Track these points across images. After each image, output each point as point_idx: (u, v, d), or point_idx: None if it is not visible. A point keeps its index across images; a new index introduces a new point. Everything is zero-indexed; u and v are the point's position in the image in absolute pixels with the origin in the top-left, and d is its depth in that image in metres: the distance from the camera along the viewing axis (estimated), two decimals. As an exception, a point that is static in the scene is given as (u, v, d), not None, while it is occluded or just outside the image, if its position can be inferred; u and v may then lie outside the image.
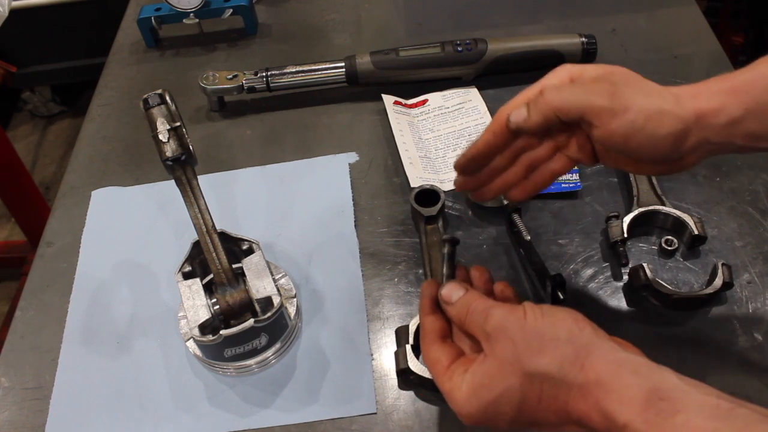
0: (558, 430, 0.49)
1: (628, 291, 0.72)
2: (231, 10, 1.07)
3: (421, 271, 0.75)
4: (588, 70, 0.58)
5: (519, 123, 0.56)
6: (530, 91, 0.58)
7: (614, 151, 0.56)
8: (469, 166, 0.62)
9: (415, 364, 0.64)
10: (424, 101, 0.95)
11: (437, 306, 0.58)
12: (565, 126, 0.57)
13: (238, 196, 0.86)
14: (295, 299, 0.72)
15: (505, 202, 0.79)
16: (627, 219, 0.74)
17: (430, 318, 0.57)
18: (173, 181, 0.68)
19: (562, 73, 0.58)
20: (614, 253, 0.74)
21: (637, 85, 0.55)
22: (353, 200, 0.83)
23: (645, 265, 0.70)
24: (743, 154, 0.56)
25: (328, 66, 0.96)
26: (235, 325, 0.65)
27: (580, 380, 0.46)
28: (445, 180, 0.85)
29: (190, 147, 0.66)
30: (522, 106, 0.57)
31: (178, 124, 0.66)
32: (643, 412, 0.43)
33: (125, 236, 0.84)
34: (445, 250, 0.65)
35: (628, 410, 0.43)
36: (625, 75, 0.56)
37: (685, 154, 0.55)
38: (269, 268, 0.69)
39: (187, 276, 0.68)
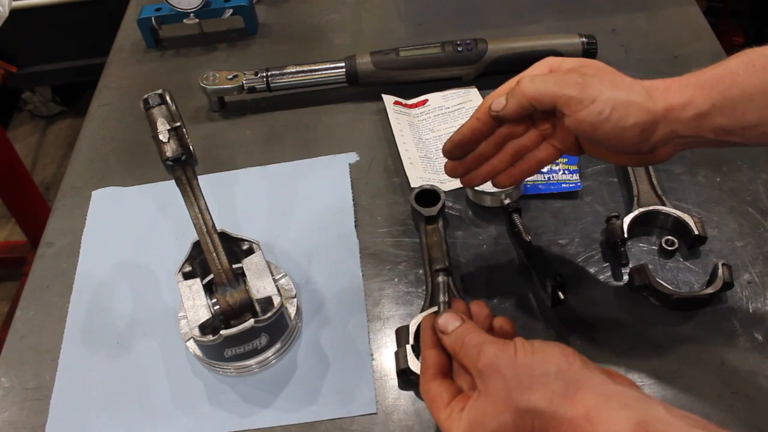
0: None
1: (628, 291, 0.72)
2: (231, 10, 1.07)
3: (421, 271, 0.75)
4: (566, 63, 0.60)
5: (498, 110, 0.60)
6: (512, 81, 0.61)
7: (586, 140, 0.60)
8: (455, 150, 0.65)
9: (415, 364, 0.64)
10: (425, 101, 0.95)
11: (436, 339, 0.58)
12: (545, 114, 0.60)
13: (238, 196, 0.86)
14: (295, 299, 0.72)
15: (506, 202, 0.79)
16: (627, 219, 0.74)
17: (432, 352, 0.58)
18: (173, 181, 0.68)
19: (543, 65, 0.61)
20: (614, 253, 0.74)
21: (607, 78, 0.57)
22: (353, 200, 0.83)
23: (645, 265, 0.70)
24: (719, 148, 0.58)
25: (328, 66, 0.96)
26: (235, 325, 0.65)
27: (570, 414, 0.46)
28: (446, 180, 0.85)
29: (191, 147, 0.66)
30: (502, 96, 0.60)
31: (178, 124, 0.66)
32: None
33: (125, 236, 0.84)
34: (440, 279, 0.67)
35: None
36: (598, 67, 0.58)
37: (656, 145, 0.57)
38: (269, 268, 0.69)
39: (187, 276, 0.68)
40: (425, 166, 0.86)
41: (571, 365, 0.49)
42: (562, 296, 0.68)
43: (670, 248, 0.73)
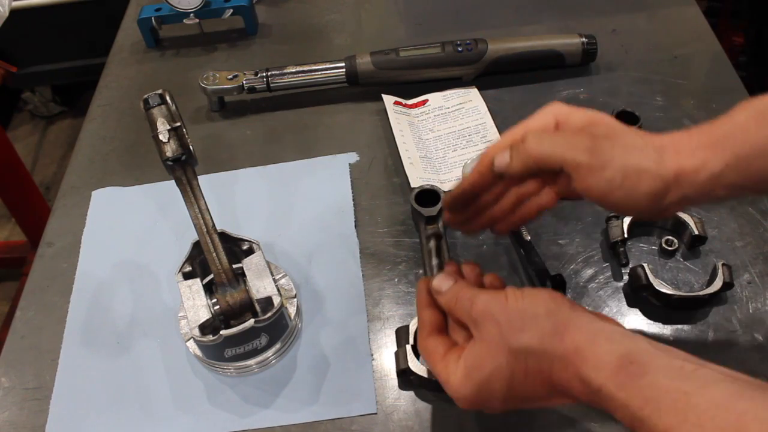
0: (547, 403, 0.52)
1: (628, 291, 0.72)
2: (231, 11, 1.07)
3: (421, 271, 0.75)
4: (573, 117, 0.57)
5: (502, 168, 0.57)
6: (516, 132, 0.58)
7: (594, 203, 0.57)
8: (458, 204, 0.63)
9: (415, 365, 0.64)
10: (425, 101, 0.95)
11: (433, 300, 0.59)
12: (550, 172, 0.57)
13: (238, 196, 0.86)
14: (295, 299, 0.72)
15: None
16: (627, 219, 0.74)
17: (427, 311, 0.59)
18: (173, 181, 0.68)
19: (549, 116, 0.58)
20: (614, 253, 0.74)
21: (618, 140, 0.54)
22: (353, 200, 0.83)
23: (645, 265, 0.70)
24: (729, 200, 0.57)
25: (328, 66, 0.96)
26: (235, 326, 0.65)
27: (560, 351, 0.49)
28: (446, 180, 0.85)
29: (191, 147, 0.66)
30: (506, 150, 0.57)
31: (178, 124, 0.66)
32: (615, 375, 0.46)
33: (125, 236, 0.84)
34: (432, 244, 0.66)
35: (602, 374, 0.46)
36: (608, 127, 0.55)
37: (666, 207, 0.55)
38: (269, 268, 0.69)
39: (187, 276, 0.68)
40: (425, 166, 0.86)
41: (560, 306, 0.51)
42: (562, 296, 0.68)
43: (670, 248, 0.73)
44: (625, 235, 0.73)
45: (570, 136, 0.56)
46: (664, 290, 0.68)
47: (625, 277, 0.73)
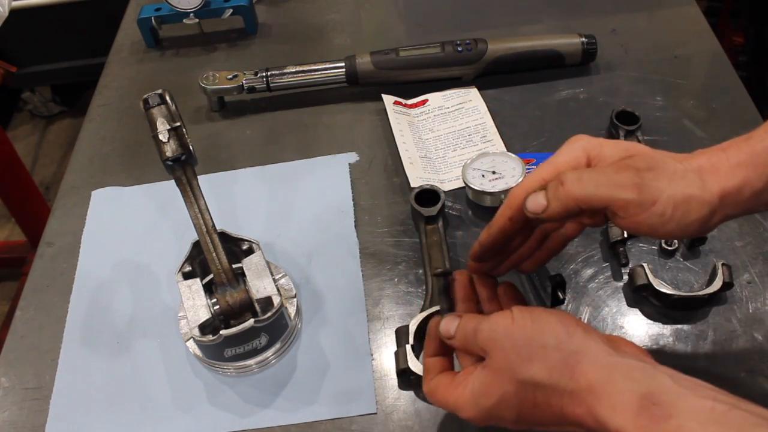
0: (560, 428, 0.49)
1: (628, 291, 0.72)
2: (231, 10, 1.07)
3: (421, 271, 0.75)
4: (606, 150, 0.53)
5: (537, 212, 0.51)
6: (544, 172, 0.54)
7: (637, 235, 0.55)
8: (486, 255, 0.59)
9: (415, 364, 0.64)
10: (424, 101, 0.95)
11: (439, 345, 0.57)
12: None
13: (238, 196, 0.86)
14: (295, 299, 0.72)
15: (505, 202, 0.78)
16: (627, 219, 0.74)
17: (431, 360, 0.57)
18: (173, 181, 0.68)
19: (578, 150, 0.54)
20: (614, 253, 0.74)
21: (661, 170, 0.51)
22: (353, 200, 0.83)
23: (645, 265, 0.70)
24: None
25: (328, 66, 0.96)
26: (235, 325, 0.65)
27: (571, 387, 0.46)
28: (445, 180, 0.85)
29: (190, 147, 0.66)
30: (539, 192, 0.52)
31: (178, 124, 0.66)
32: (636, 418, 0.43)
33: (125, 236, 0.84)
34: (440, 284, 0.64)
35: (620, 417, 0.43)
36: (647, 158, 0.52)
37: (709, 228, 0.53)
38: (269, 268, 0.69)
39: (187, 276, 0.68)
40: (425, 166, 0.86)
41: (571, 336, 0.48)
42: (561, 296, 0.68)
43: (669, 248, 0.73)
44: (625, 235, 0.73)
45: (612, 173, 0.51)
46: (664, 290, 0.68)
47: (625, 277, 0.73)
